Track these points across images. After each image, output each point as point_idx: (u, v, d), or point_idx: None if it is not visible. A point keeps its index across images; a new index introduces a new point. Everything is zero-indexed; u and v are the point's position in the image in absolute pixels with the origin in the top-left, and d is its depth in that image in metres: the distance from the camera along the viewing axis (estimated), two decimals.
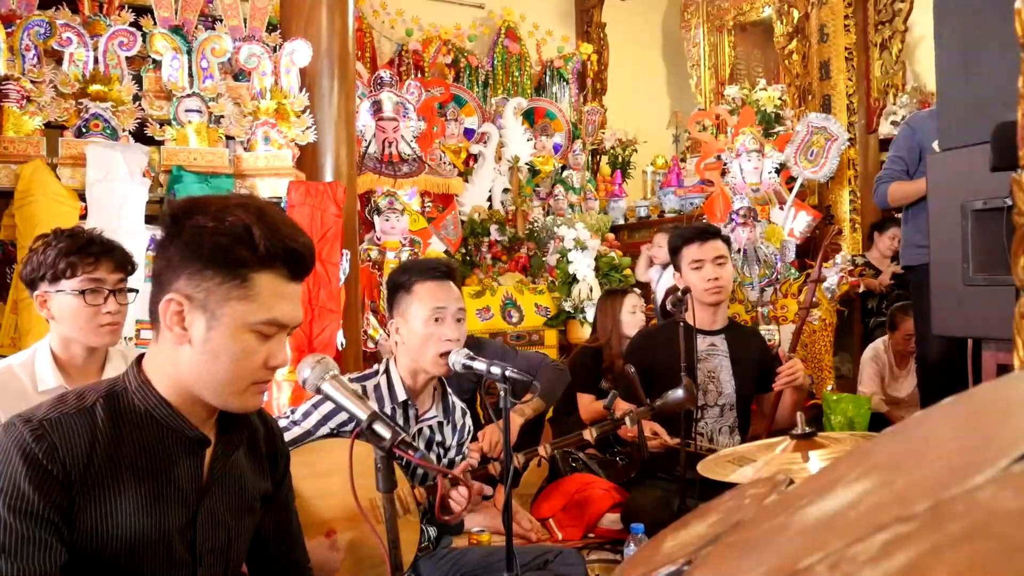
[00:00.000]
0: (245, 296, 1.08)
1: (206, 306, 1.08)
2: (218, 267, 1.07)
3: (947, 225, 1.98)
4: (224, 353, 1.09)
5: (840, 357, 5.34)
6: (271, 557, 1.34)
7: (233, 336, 1.08)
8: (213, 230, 1.07)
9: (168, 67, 3.51)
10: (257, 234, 1.07)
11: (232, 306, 1.08)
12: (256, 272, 1.08)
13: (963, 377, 2.16)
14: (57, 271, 1.74)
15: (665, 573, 0.50)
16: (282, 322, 1.12)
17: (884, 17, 5.76)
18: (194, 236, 1.08)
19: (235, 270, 1.07)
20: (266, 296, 1.09)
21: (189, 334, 1.09)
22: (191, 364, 1.10)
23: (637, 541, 2.17)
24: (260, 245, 1.07)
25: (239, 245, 1.07)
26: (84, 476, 1.05)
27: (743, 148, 5.33)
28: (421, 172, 4.88)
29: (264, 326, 1.10)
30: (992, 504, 0.30)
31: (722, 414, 2.76)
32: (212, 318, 1.08)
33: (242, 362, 1.10)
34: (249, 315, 1.08)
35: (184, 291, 1.08)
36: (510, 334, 5.24)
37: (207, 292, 1.07)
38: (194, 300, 1.08)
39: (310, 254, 1.16)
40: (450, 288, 2.07)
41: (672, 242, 2.84)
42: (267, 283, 1.09)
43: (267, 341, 1.11)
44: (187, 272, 1.08)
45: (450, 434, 2.16)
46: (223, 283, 1.07)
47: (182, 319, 1.09)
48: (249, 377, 1.12)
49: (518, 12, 6.79)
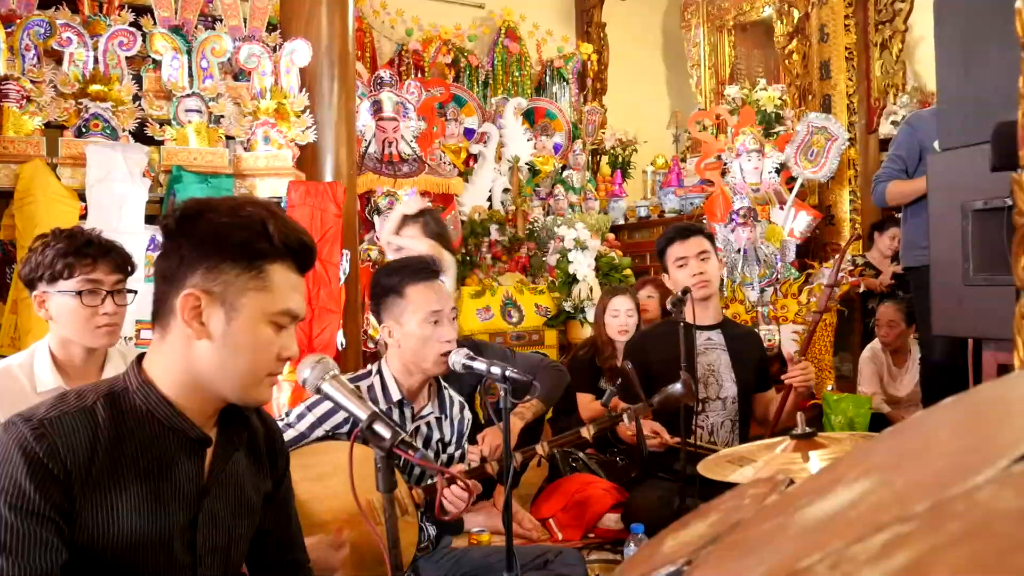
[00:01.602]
0: (262, 287, 1.11)
1: (225, 299, 1.10)
2: (236, 259, 1.10)
3: (947, 225, 1.98)
4: (244, 345, 1.11)
5: (840, 357, 5.34)
6: (271, 557, 1.34)
7: (252, 327, 1.11)
8: (231, 224, 1.11)
9: (168, 67, 3.51)
10: (272, 227, 1.11)
11: (251, 297, 1.11)
12: (271, 264, 1.12)
13: (966, 378, 2.16)
14: (55, 272, 1.74)
15: (665, 573, 0.50)
16: (295, 312, 1.16)
17: (884, 17, 5.76)
18: (210, 232, 1.11)
19: (253, 262, 1.11)
20: (281, 287, 1.13)
21: (208, 328, 1.10)
22: (210, 359, 1.11)
23: (637, 541, 2.17)
24: (275, 237, 1.11)
25: (257, 237, 1.11)
26: (85, 475, 1.05)
27: (743, 148, 5.34)
28: (421, 172, 4.88)
29: (280, 316, 1.13)
30: (992, 504, 0.30)
31: (724, 407, 2.78)
32: (232, 310, 1.10)
33: (261, 354, 1.13)
34: (267, 306, 1.12)
35: (202, 286, 1.10)
36: (510, 334, 5.24)
37: (225, 285, 1.10)
38: (213, 294, 1.10)
39: (315, 248, 1.21)
40: (441, 288, 2.08)
41: (656, 245, 2.91)
42: (281, 274, 1.13)
43: (279, 333, 1.15)
44: (204, 267, 1.10)
45: (448, 430, 2.16)
46: (241, 275, 1.10)
47: (199, 314, 1.10)
48: (265, 369, 1.14)
49: (518, 12, 6.79)
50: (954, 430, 0.44)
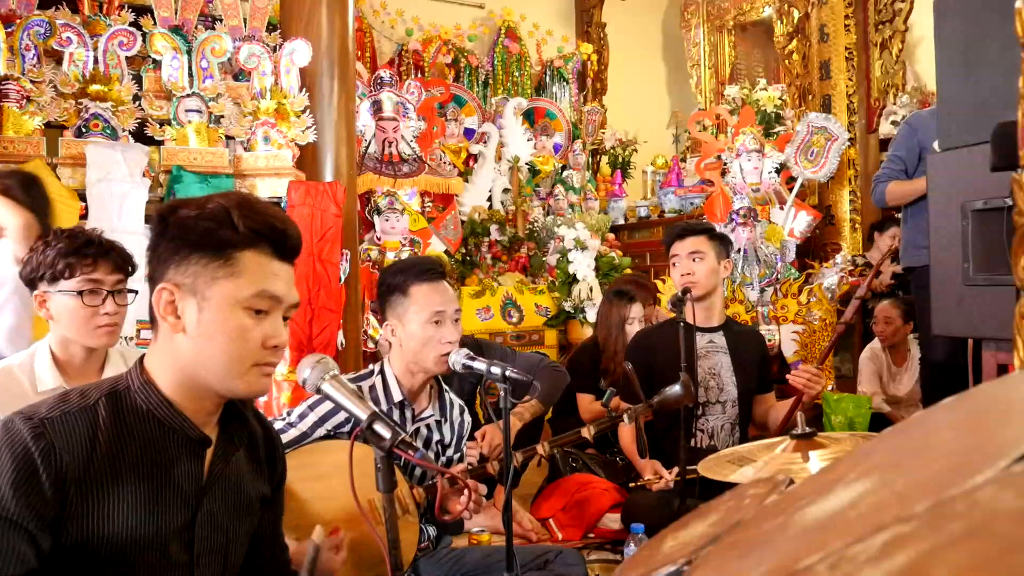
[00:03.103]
0: (231, 274, 1.11)
1: (195, 289, 1.11)
2: (203, 250, 1.11)
3: (947, 225, 1.98)
4: (218, 333, 1.11)
5: (840, 357, 5.33)
6: (265, 560, 1.34)
7: (224, 315, 1.11)
8: (196, 217, 1.12)
9: (168, 67, 3.51)
10: (236, 215, 1.12)
11: (220, 285, 1.11)
12: (240, 251, 1.12)
13: (966, 378, 2.16)
14: (56, 271, 1.74)
15: (665, 573, 0.50)
16: (271, 294, 1.14)
17: (884, 17, 5.76)
18: (179, 227, 1.12)
19: (219, 251, 1.11)
20: (252, 272, 1.12)
21: (183, 321, 1.11)
22: (188, 351, 1.12)
23: (637, 541, 2.17)
24: (240, 224, 1.11)
25: (220, 227, 1.11)
26: (82, 475, 1.05)
27: (743, 148, 5.33)
28: (421, 172, 4.88)
29: (253, 300, 1.12)
30: (992, 504, 0.30)
31: (724, 411, 2.77)
32: (202, 299, 1.11)
33: (237, 342, 1.11)
34: (237, 291, 1.11)
35: (173, 279, 1.12)
36: (510, 334, 5.24)
37: (195, 276, 1.11)
38: (183, 286, 1.11)
39: (294, 232, 1.19)
40: (446, 289, 2.07)
41: (663, 242, 2.92)
42: (252, 260, 1.13)
43: (262, 320, 1.13)
44: (174, 261, 1.12)
45: (448, 433, 2.16)
46: (208, 264, 1.11)
47: (175, 308, 1.12)
48: (249, 358, 1.13)
49: (518, 12, 6.79)
50: (954, 430, 0.44)
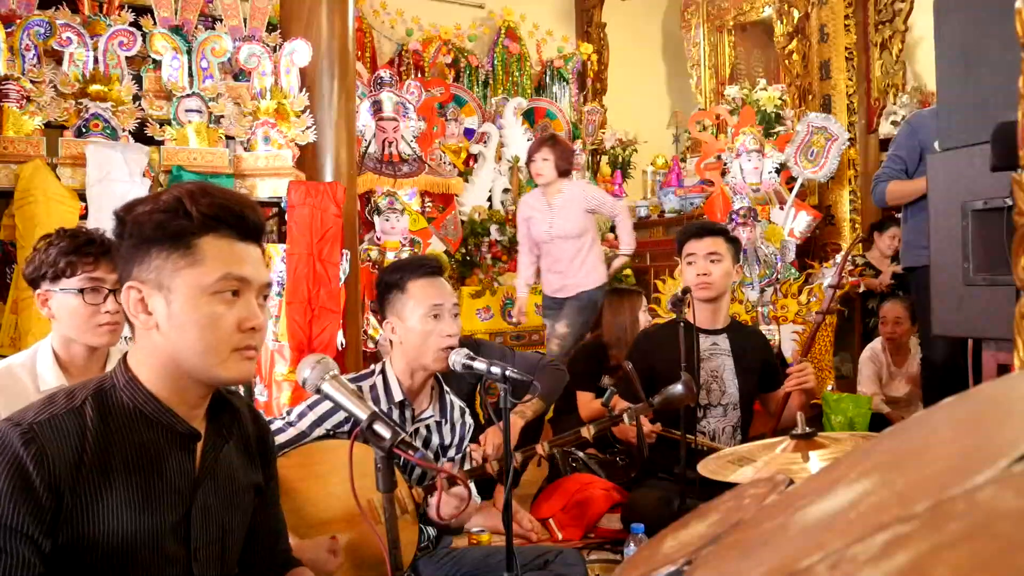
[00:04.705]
0: (193, 262, 1.10)
1: (160, 284, 1.10)
2: (161, 243, 1.10)
3: (947, 225, 1.98)
4: (189, 324, 1.10)
5: (840, 357, 5.34)
6: (260, 550, 1.34)
7: (192, 304, 1.10)
8: (150, 211, 1.11)
9: (168, 67, 3.51)
10: (188, 202, 1.11)
11: (183, 275, 1.10)
12: (198, 238, 1.11)
13: (966, 378, 2.16)
14: (57, 270, 1.75)
15: (665, 573, 0.50)
16: (237, 275, 1.12)
17: (884, 17, 5.76)
18: (135, 224, 1.12)
19: (176, 240, 1.10)
20: (213, 257, 1.11)
21: (154, 317, 1.11)
22: (165, 346, 1.12)
23: (637, 541, 2.17)
24: (193, 211, 1.11)
25: (175, 217, 1.11)
26: (75, 477, 1.04)
27: (743, 148, 5.34)
28: (421, 172, 4.88)
29: (220, 284, 1.11)
30: (992, 504, 0.30)
31: (725, 414, 2.76)
32: (168, 292, 1.10)
33: (209, 329, 1.11)
34: (201, 278, 1.10)
35: (139, 277, 1.11)
36: (510, 334, 5.24)
37: (158, 270, 1.10)
38: (148, 282, 1.11)
39: (252, 212, 1.18)
40: (443, 284, 2.08)
41: (677, 237, 2.90)
42: (212, 245, 1.12)
43: (233, 304, 1.13)
44: (137, 259, 1.11)
45: (448, 434, 2.16)
46: (169, 256, 1.10)
47: (144, 305, 1.11)
48: (225, 344, 1.12)
49: (518, 12, 6.80)
50: (954, 430, 0.44)
